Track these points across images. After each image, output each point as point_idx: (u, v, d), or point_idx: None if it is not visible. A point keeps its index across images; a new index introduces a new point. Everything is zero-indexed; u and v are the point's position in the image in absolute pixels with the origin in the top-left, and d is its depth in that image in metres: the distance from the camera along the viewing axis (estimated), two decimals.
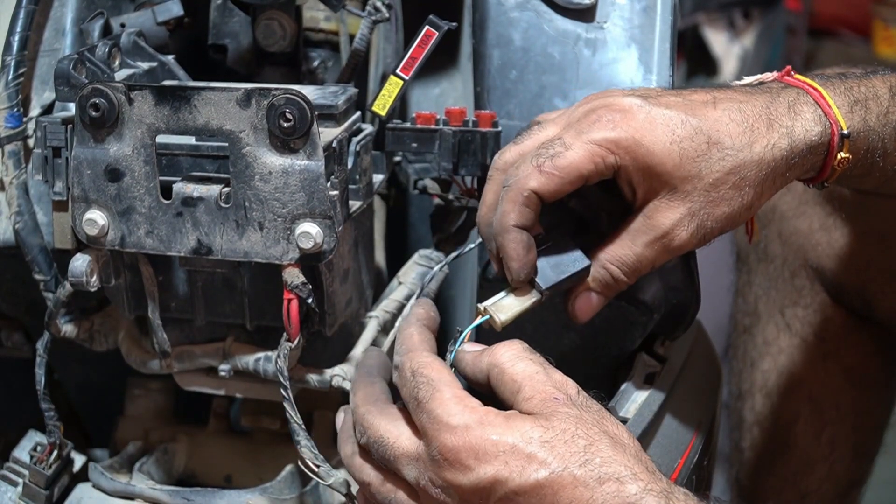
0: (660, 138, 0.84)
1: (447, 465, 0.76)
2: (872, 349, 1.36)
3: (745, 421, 1.45)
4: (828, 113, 0.87)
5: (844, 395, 1.37)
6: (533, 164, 0.85)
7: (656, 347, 1.04)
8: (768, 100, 0.87)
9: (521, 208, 0.85)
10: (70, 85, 0.91)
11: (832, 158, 0.88)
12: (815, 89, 0.89)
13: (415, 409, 0.79)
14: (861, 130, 0.89)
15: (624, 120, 0.84)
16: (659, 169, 0.84)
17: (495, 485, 0.74)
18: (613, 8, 1.00)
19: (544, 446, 0.74)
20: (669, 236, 0.86)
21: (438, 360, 0.81)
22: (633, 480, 0.73)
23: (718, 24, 2.81)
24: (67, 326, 0.98)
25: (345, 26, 1.11)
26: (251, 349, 0.97)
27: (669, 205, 0.85)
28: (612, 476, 0.74)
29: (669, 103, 0.85)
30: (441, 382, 0.79)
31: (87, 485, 1.02)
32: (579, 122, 0.86)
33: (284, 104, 0.82)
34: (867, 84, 0.92)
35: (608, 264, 0.87)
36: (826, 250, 1.30)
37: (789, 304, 1.37)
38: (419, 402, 0.78)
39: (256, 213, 0.86)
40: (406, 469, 0.79)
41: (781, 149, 0.86)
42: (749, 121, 0.85)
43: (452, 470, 0.76)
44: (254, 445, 1.11)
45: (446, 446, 0.76)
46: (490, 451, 0.75)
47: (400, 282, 1.04)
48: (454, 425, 0.76)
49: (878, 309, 1.29)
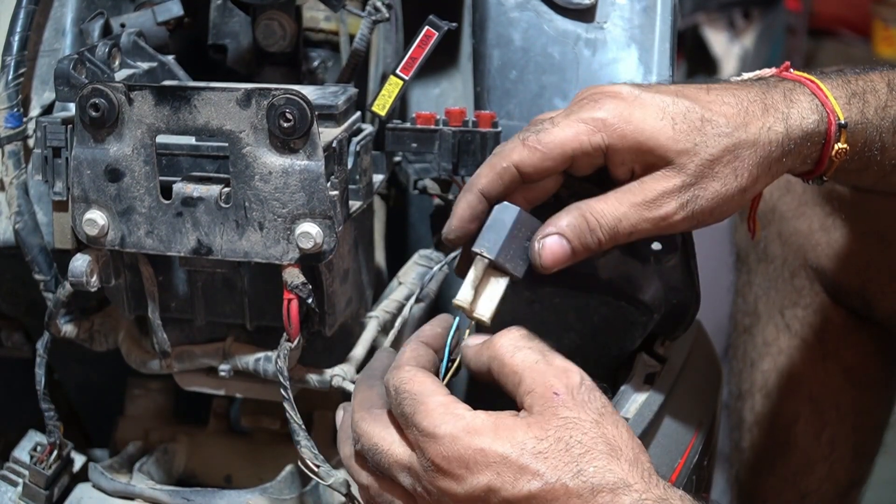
0: (650, 114, 0.83)
1: (440, 475, 0.76)
2: (872, 349, 1.35)
3: (745, 421, 1.45)
4: (825, 103, 0.87)
5: (844, 395, 1.37)
6: (519, 138, 0.84)
7: (656, 347, 1.04)
8: (764, 88, 0.87)
9: (494, 177, 0.84)
10: (70, 85, 0.91)
11: (829, 149, 0.88)
12: (812, 81, 0.89)
13: (404, 424, 0.79)
14: (858, 122, 0.89)
15: (613, 101, 0.84)
16: (651, 143, 0.83)
17: (489, 493, 0.74)
18: (613, 8, 1.00)
19: (537, 457, 0.74)
20: (657, 202, 0.83)
21: (422, 373, 0.81)
22: (628, 492, 0.73)
23: (718, 24, 2.81)
24: (67, 326, 0.98)
25: (345, 26, 1.11)
26: (251, 349, 0.97)
27: (665, 174, 0.83)
28: (606, 487, 0.73)
29: (661, 89, 0.85)
30: (424, 395, 0.78)
31: (87, 485, 1.02)
32: (571, 107, 0.86)
33: (284, 104, 0.82)
34: (865, 79, 0.92)
35: (587, 213, 0.84)
36: (826, 251, 1.30)
37: (789, 305, 1.37)
38: (406, 417, 0.78)
39: (256, 213, 0.86)
40: (401, 476, 0.79)
41: (777, 132, 0.85)
42: (743, 104, 0.85)
43: (446, 479, 0.75)
44: (254, 445, 1.11)
45: (436, 457, 0.75)
46: (480, 460, 0.74)
47: (400, 282, 1.04)
48: (441, 435, 0.75)
49: (877, 309, 1.29)
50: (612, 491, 0.73)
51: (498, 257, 0.84)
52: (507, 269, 0.85)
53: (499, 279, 0.85)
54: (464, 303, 0.85)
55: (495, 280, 0.85)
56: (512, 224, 0.84)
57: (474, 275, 0.85)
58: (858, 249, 1.27)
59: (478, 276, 0.85)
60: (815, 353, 1.37)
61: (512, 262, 0.84)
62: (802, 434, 1.39)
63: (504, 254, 0.84)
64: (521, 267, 0.85)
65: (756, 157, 0.84)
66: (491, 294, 0.85)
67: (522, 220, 0.85)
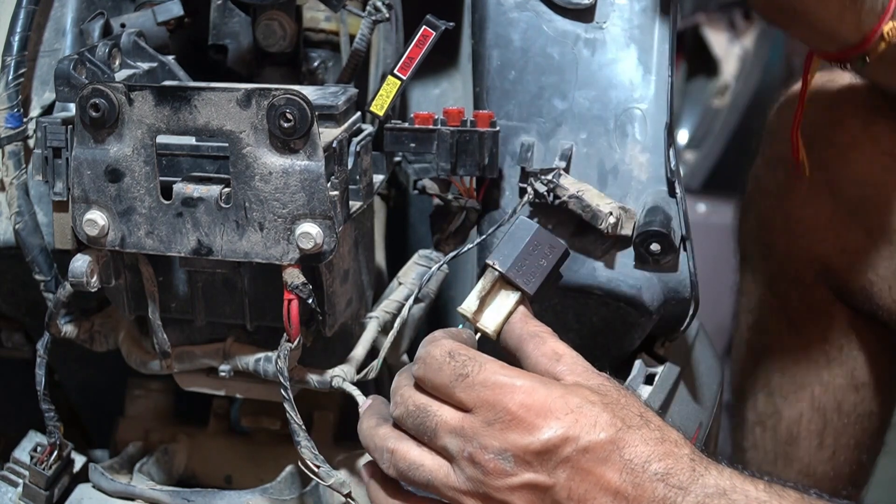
0: None
1: (512, 426, 0.76)
2: (877, 349, 1.35)
3: (747, 421, 1.44)
4: None
5: (847, 396, 1.37)
6: None
7: (656, 348, 1.04)
8: None
9: None
10: (70, 85, 0.91)
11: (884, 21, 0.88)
12: None
13: (460, 386, 0.78)
14: None
15: None
16: None
17: (564, 443, 0.75)
18: (613, 8, 1.00)
19: (607, 408, 0.76)
20: None
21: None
22: (685, 444, 0.77)
23: (718, 24, 2.81)
24: (68, 327, 0.98)
25: (345, 26, 1.11)
26: (251, 350, 0.97)
27: None
28: (669, 438, 0.77)
29: None
30: (482, 356, 0.79)
31: (87, 485, 1.02)
32: None
33: (285, 104, 0.82)
34: None
35: None
36: (831, 249, 1.30)
37: (793, 304, 1.37)
38: (466, 377, 0.78)
39: (257, 213, 0.86)
40: (447, 439, 0.78)
41: None
42: None
43: (517, 431, 0.76)
44: (254, 446, 1.11)
45: (515, 405, 0.76)
46: (560, 408, 0.76)
47: (400, 282, 1.04)
48: (519, 385, 0.76)
49: (883, 309, 1.29)
50: (674, 443, 0.77)
51: (509, 271, 0.85)
52: (518, 284, 0.86)
53: (509, 293, 0.86)
54: (468, 312, 0.86)
55: (505, 294, 0.86)
56: (528, 240, 0.86)
57: (482, 285, 0.86)
58: (865, 248, 1.26)
59: (485, 287, 0.86)
60: (818, 352, 1.36)
61: (524, 278, 0.85)
62: (804, 434, 1.39)
63: (516, 268, 0.85)
64: (534, 283, 0.86)
65: None
66: (499, 307, 0.86)
67: (540, 238, 0.86)
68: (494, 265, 0.85)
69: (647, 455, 0.75)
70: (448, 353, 0.80)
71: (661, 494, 0.75)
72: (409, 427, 0.81)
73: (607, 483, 0.75)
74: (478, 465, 0.77)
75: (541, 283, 0.86)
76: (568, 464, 0.75)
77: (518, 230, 0.86)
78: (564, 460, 0.75)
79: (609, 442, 0.75)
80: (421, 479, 0.79)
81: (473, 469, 0.77)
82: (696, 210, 2.30)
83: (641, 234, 0.94)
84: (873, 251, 1.25)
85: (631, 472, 0.75)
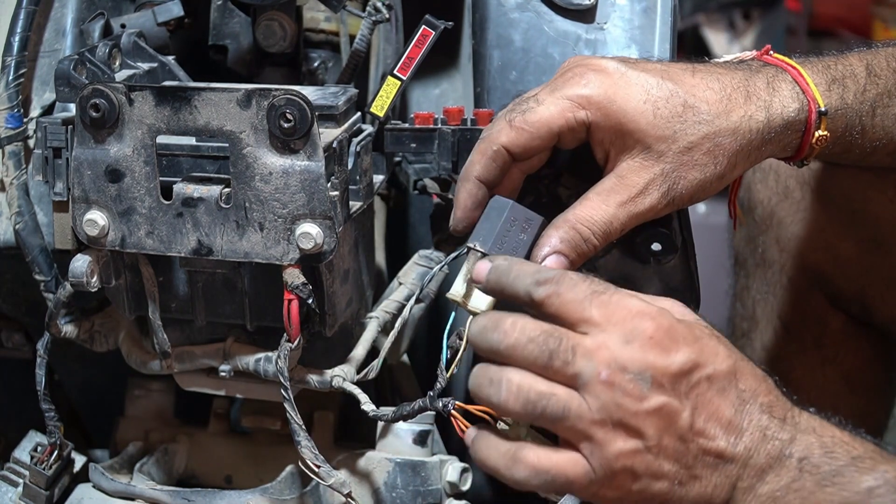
0: (633, 96, 0.84)
1: (650, 346, 0.76)
2: (871, 354, 1.35)
3: None
4: (805, 90, 0.88)
5: (843, 401, 1.37)
6: (505, 119, 0.85)
7: None
8: (747, 74, 0.88)
9: (487, 161, 0.86)
10: (70, 85, 0.91)
11: (810, 136, 0.89)
12: (793, 67, 0.90)
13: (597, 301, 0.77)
14: (839, 108, 0.90)
15: (598, 77, 0.85)
16: (631, 126, 0.84)
17: (695, 369, 0.76)
18: (613, 9, 1.00)
19: (720, 340, 0.79)
20: (642, 196, 0.85)
21: None
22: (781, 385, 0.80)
23: (718, 24, 2.81)
24: (68, 327, 0.98)
25: (345, 27, 1.11)
26: (251, 350, 0.97)
27: (643, 164, 0.85)
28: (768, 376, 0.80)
29: (647, 68, 0.86)
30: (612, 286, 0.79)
31: (87, 485, 1.02)
32: (555, 81, 0.86)
33: (285, 105, 0.82)
34: (844, 62, 0.92)
35: (578, 224, 0.85)
36: (824, 256, 1.30)
37: (787, 310, 1.37)
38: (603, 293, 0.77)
39: (257, 213, 0.86)
40: (581, 363, 0.75)
41: (758, 121, 0.86)
42: (727, 90, 0.86)
43: (655, 351, 0.76)
44: (254, 446, 1.11)
45: (649, 326, 0.76)
46: (688, 336, 0.77)
47: (400, 282, 1.04)
48: (653, 311, 0.77)
49: (876, 315, 1.29)
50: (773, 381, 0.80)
51: (491, 249, 0.85)
52: None
53: None
54: (457, 296, 0.86)
55: None
56: (504, 217, 0.86)
57: (467, 268, 0.86)
58: (857, 255, 1.27)
59: (470, 270, 0.85)
60: (813, 358, 1.36)
61: (507, 255, 0.85)
62: None
63: (497, 246, 0.85)
64: (518, 258, 0.85)
65: (736, 145, 0.86)
66: None
67: (516, 213, 0.86)
68: (475, 246, 0.86)
69: (756, 388, 0.78)
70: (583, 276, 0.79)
71: (765, 424, 0.77)
72: (529, 355, 0.77)
73: (721, 415, 0.77)
74: (616, 388, 0.75)
75: (524, 256, 0.86)
76: (695, 392, 0.76)
77: (493, 210, 0.87)
78: (694, 385, 0.76)
79: (729, 372, 0.77)
80: (555, 410, 0.76)
81: (610, 393, 0.75)
82: (696, 210, 2.30)
83: (643, 234, 0.94)
84: (865, 260, 1.26)
85: (742, 402, 0.77)
